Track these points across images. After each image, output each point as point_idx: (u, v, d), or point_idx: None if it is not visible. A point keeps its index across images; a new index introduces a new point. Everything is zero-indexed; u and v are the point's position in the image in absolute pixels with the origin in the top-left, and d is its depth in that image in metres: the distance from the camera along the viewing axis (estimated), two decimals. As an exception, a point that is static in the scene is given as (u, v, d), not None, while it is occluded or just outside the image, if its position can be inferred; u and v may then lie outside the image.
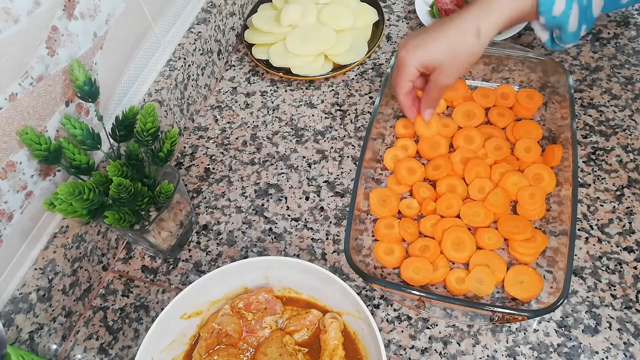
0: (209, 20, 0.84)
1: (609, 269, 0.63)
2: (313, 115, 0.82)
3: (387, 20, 0.92)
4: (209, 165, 0.79)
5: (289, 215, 0.72)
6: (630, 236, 0.64)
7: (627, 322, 0.59)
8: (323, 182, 0.75)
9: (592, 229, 0.66)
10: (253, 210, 0.74)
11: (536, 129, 0.72)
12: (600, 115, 0.75)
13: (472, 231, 0.66)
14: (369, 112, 0.81)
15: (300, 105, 0.84)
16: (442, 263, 0.63)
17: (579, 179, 0.69)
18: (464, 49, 0.59)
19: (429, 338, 0.61)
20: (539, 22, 0.60)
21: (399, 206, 0.69)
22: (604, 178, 0.69)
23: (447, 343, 0.60)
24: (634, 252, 0.63)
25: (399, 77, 0.63)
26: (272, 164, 0.78)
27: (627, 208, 0.66)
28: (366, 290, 0.65)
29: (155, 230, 0.64)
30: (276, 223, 0.72)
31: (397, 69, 0.63)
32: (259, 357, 0.56)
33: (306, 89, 0.86)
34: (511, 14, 0.59)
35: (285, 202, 0.74)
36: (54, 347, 0.63)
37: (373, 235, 0.68)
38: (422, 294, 0.56)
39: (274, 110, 0.84)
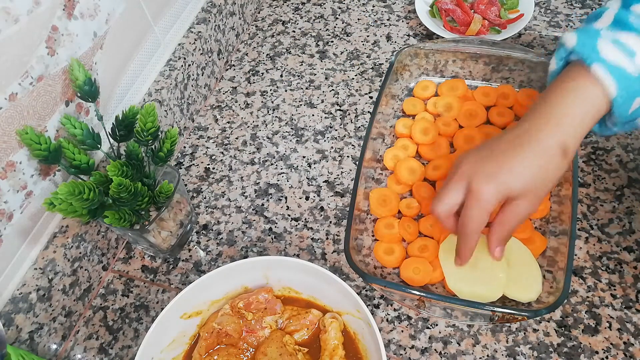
0: (209, 20, 0.84)
1: (609, 268, 0.63)
2: (313, 115, 0.82)
3: (387, 20, 0.92)
4: (209, 165, 0.79)
5: (289, 215, 0.72)
6: (630, 236, 0.64)
7: (627, 322, 0.59)
8: (323, 182, 0.75)
9: (592, 228, 0.66)
10: (253, 210, 0.74)
11: None
12: (600, 115, 0.74)
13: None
14: (369, 112, 0.81)
15: (300, 105, 0.84)
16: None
17: (579, 179, 0.69)
18: (553, 173, 0.51)
19: (429, 338, 0.61)
20: (610, 120, 0.53)
21: (399, 206, 0.69)
22: (604, 178, 0.69)
23: (447, 343, 0.60)
24: (634, 252, 0.63)
25: (477, 214, 0.51)
26: (272, 164, 0.78)
27: (627, 208, 0.66)
28: (366, 290, 0.65)
29: (155, 230, 0.64)
30: (276, 223, 0.72)
31: (474, 206, 0.51)
32: (259, 357, 0.56)
33: (306, 88, 0.86)
34: (591, 122, 0.51)
35: (285, 202, 0.74)
36: (54, 346, 0.63)
37: (373, 235, 0.68)
38: (422, 294, 0.56)
39: (274, 110, 0.84)
